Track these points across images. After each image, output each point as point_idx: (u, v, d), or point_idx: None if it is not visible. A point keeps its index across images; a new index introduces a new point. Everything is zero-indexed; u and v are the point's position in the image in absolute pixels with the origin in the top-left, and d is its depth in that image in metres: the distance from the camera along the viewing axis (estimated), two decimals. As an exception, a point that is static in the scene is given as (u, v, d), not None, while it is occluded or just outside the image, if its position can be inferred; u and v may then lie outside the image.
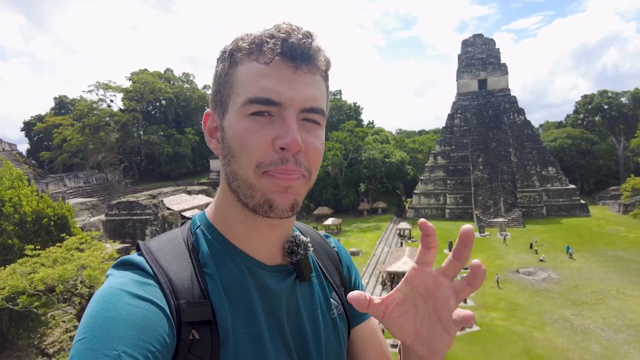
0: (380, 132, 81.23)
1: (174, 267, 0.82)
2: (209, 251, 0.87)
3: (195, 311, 0.78)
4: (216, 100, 0.86)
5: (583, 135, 76.16)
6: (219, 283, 0.84)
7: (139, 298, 0.72)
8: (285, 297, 0.91)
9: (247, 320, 0.84)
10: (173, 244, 0.88)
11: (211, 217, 0.92)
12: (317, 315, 0.97)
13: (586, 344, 20.69)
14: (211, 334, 0.78)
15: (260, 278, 0.89)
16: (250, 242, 0.90)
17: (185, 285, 0.80)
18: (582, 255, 36.16)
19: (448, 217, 60.93)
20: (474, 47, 71.96)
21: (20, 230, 24.06)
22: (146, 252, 0.84)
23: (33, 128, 68.09)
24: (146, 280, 0.78)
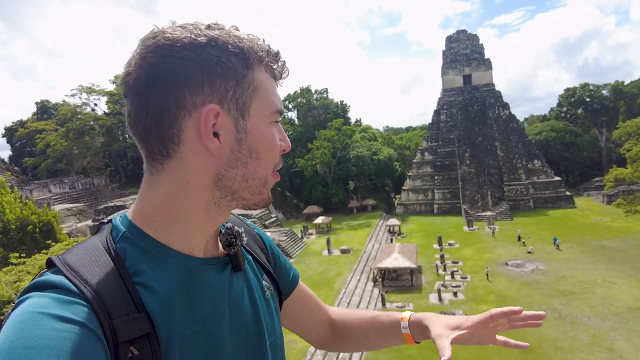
0: (367, 129, 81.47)
1: (102, 281, 0.74)
2: (140, 257, 0.81)
3: (131, 328, 0.72)
4: (228, 98, 0.81)
5: (567, 128, 77.45)
6: (155, 290, 0.78)
7: (64, 321, 0.64)
8: (225, 289, 0.91)
9: (191, 321, 0.82)
10: (95, 255, 0.79)
11: (140, 222, 0.84)
12: (256, 300, 0.98)
13: (574, 333, 21.09)
14: (151, 347, 0.74)
15: (199, 275, 0.86)
16: (190, 241, 0.87)
17: (117, 300, 0.73)
18: (568, 246, 36.79)
19: (436, 212, 61.44)
20: (458, 43, 72.58)
21: (4, 238, 23.60)
22: (65, 268, 0.73)
23: (15, 134, 66.73)
24: (72, 299, 0.68)
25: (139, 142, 0.83)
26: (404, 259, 30.21)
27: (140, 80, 0.78)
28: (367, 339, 1.33)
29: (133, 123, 0.81)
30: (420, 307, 25.67)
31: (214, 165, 0.82)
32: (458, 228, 49.53)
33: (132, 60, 0.80)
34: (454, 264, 34.11)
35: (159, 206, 0.84)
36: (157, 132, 0.79)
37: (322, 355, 19.98)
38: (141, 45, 0.79)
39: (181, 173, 0.82)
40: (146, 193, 0.85)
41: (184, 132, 0.79)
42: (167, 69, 0.77)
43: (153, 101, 0.78)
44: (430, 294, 27.75)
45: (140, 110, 0.79)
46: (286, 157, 71.58)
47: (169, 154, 0.81)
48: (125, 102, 0.82)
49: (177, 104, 0.78)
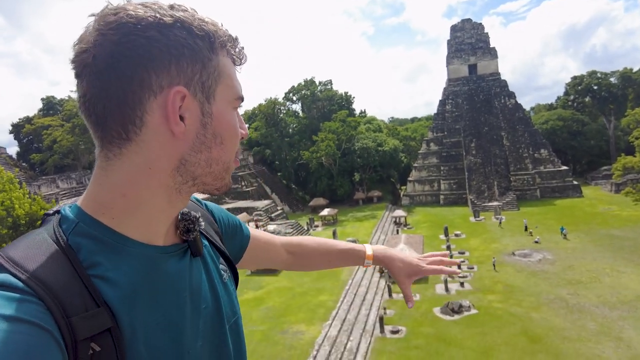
0: (372, 120, 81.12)
1: (55, 276, 0.68)
2: (97, 249, 0.76)
3: (91, 324, 0.68)
4: (194, 81, 0.79)
5: (574, 117, 76.65)
6: (115, 282, 0.75)
7: (15, 321, 0.58)
8: (186, 276, 0.89)
9: (154, 311, 0.79)
10: (43, 248, 0.72)
11: (94, 211, 0.79)
12: (215, 285, 0.98)
13: (582, 322, 21.03)
14: (114, 341, 0.70)
15: (160, 264, 0.84)
16: (151, 229, 0.84)
17: (73, 295, 0.68)
18: (576, 236, 36.60)
19: (442, 202, 61.30)
20: (463, 32, 71.82)
21: (13, 233, 23.89)
22: (10, 264, 0.67)
23: (22, 130, 67.15)
24: (22, 296, 0.62)
25: (94, 125, 0.77)
26: (410, 249, 30.18)
27: (101, 58, 0.72)
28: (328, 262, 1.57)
29: (89, 104, 0.75)
30: (426, 297, 25.72)
31: (178, 149, 0.80)
32: (464, 219, 49.41)
33: (89, 37, 0.74)
34: (460, 255, 34.07)
35: (117, 193, 0.79)
36: (118, 113, 0.74)
37: (330, 346, 20.13)
38: (100, 21, 0.74)
39: (142, 158, 0.78)
40: (101, 179, 0.80)
41: (148, 114, 0.75)
42: (132, 48, 0.72)
43: (115, 81, 0.73)
44: (436, 284, 27.77)
45: (99, 90, 0.74)
46: (291, 150, 71.81)
47: (129, 137, 0.76)
48: (78, 82, 0.76)
49: (142, 85, 0.74)
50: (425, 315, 23.20)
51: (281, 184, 74.23)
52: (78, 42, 0.75)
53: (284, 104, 79.92)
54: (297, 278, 31.15)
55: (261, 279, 31.45)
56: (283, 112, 78.84)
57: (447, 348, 19.43)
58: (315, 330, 21.94)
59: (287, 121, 77.71)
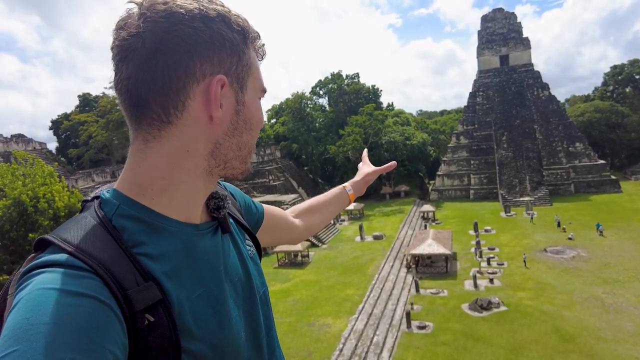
0: (400, 114, 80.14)
1: (107, 255, 0.74)
2: (140, 229, 0.82)
3: (144, 297, 0.74)
4: (231, 70, 0.85)
5: (612, 108, 73.25)
6: (159, 259, 0.81)
7: (79, 295, 0.64)
8: (220, 252, 0.96)
9: (196, 284, 0.86)
10: (92, 230, 0.78)
11: (134, 193, 0.84)
12: (245, 259, 1.05)
13: (619, 322, 20.31)
14: (165, 312, 0.76)
15: (197, 241, 0.90)
16: (188, 209, 0.90)
17: (125, 272, 0.74)
18: (613, 232, 35.19)
19: (472, 197, 60.10)
20: (494, 22, 69.77)
21: (54, 224, 25.10)
22: (66, 245, 0.72)
23: (60, 126, 70.13)
24: (81, 273, 0.68)
25: (134, 107, 0.81)
26: (439, 245, 29.88)
27: (151, 43, 0.76)
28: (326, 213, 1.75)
29: (132, 86, 0.79)
30: (455, 293, 25.42)
31: (214, 134, 0.85)
32: (495, 214, 48.31)
33: (137, 22, 0.77)
34: (490, 251, 33.41)
35: (157, 175, 0.84)
36: (162, 97, 0.79)
37: (356, 340, 20.23)
38: (149, 9, 0.78)
39: (181, 140, 0.83)
40: (140, 162, 0.84)
41: (190, 99, 0.80)
42: (180, 36, 0.77)
43: (162, 65, 0.77)
44: (465, 280, 27.38)
45: (145, 73, 0.78)
46: (318, 144, 71.95)
47: (170, 120, 0.81)
48: (120, 64, 0.79)
49: (187, 72, 0.79)
50: (453, 311, 22.95)
51: (308, 178, 74.58)
52: (122, 27, 0.79)
53: (311, 98, 80.00)
54: (323, 272, 31.37)
55: (288, 272, 31.86)
56: (310, 107, 78.96)
57: (475, 345, 19.17)
58: (341, 324, 22.09)
59: (313, 115, 77.81)
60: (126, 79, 0.79)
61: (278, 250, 34.49)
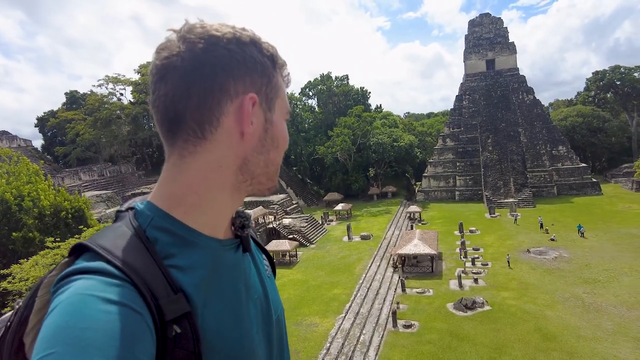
0: (388, 116, 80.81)
1: (141, 265, 0.78)
2: (171, 241, 0.85)
3: (174, 308, 0.77)
4: (262, 92, 0.90)
5: (594, 113, 75.06)
6: (188, 272, 0.84)
7: (114, 303, 0.67)
8: (240, 268, 0.99)
9: (220, 299, 0.89)
10: (127, 239, 0.82)
11: (167, 206, 0.88)
12: (263, 278, 1.09)
13: (598, 321, 20.90)
14: (190, 325, 0.79)
15: (222, 256, 0.94)
16: (216, 223, 0.93)
17: (157, 282, 0.77)
18: (594, 234, 36.12)
19: (458, 199, 60.97)
20: (481, 27, 70.89)
21: (39, 223, 24.80)
22: (104, 252, 0.76)
23: (46, 124, 69.06)
24: (118, 282, 0.72)
25: (170, 124, 0.85)
26: (425, 245, 30.32)
27: (189, 62, 0.82)
28: None
29: (169, 103, 0.83)
30: (440, 292, 25.84)
31: (243, 150, 0.89)
32: (480, 215, 49.11)
33: (176, 44, 0.83)
34: (475, 251, 33.99)
35: (190, 189, 0.87)
36: (198, 113, 0.83)
37: (343, 339, 20.47)
38: (188, 32, 0.84)
39: (215, 156, 0.87)
40: (175, 176, 0.88)
41: (224, 116, 0.85)
42: (217, 56, 0.83)
43: (199, 83, 0.82)
44: (450, 280, 27.84)
45: (183, 90, 0.82)
46: (307, 145, 72.08)
47: (204, 136, 0.85)
48: (159, 83, 0.84)
49: (222, 90, 0.84)
50: (439, 310, 23.34)
51: (296, 178, 74.72)
52: (163, 48, 0.85)
53: (300, 99, 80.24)
54: (311, 271, 31.56)
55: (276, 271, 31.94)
56: (299, 107, 79.16)
57: (460, 344, 19.56)
58: (328, 323, 22.30)
59: (303, 116, 78.02)
60: (164, 95, 0.83)
61: (266, 250, 34.59)
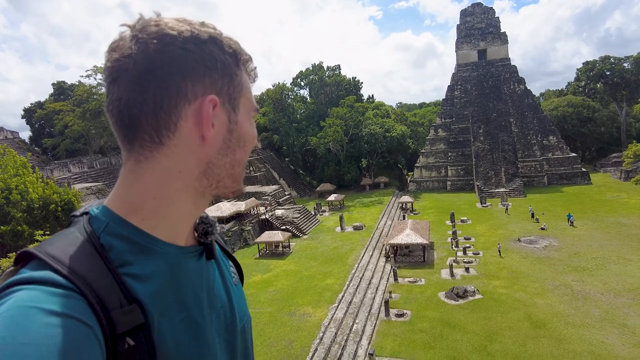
0: (380, 106, 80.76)
1: (92, 273, 0.72)
2: (127, 248, 0.80)
3: (127, 319, 0.72)
4: (223, 92, 0.86)
5: (584, 103, 75.68)
6: (144, 281, 0.79)
7: (59, 316, 0.61)
8: (203, 277, 0.95)
9: (179, 308, 0.84)
10: (78, 246, 0.76)
11: (124, 212, 0.83)
12: (228, 286, 1.05)
13: (587, 308, 21.27)
14: (145, 337, 0.74)
15: (182, 263, 0.89)
16: (176, 230, 0.89)
17: (110, 292, 0.72)
18: (583, 223, 36.62)
19: (449, 188, 61.35)
20: (473, 17, 70.75)
21: (28, 216, 24.49)
22: (52, 261, 0.70)
23: (34, 115, 67.80)
24: (65, 292, 0.66)
25: (125, 128, 0.81)
26: (416, 235, 30.50)
27: (142, 64, 0.77)
28: None
29: (123, 108, 0.79)
30: (432, 282, 26.07)
31: (206, 154, 0.85)
32: (471, 205, 49.50)
33: (129, 44, 0.78)
34: (466, 240, 34.30)
35: (148, 195, 0.83)
36: (154, 118, 0.79)
37: (336, 328, 20.61)
38: (141, 31, 0.78)
39: (173, 161, 0.83)
40: (131, 182, 0.84)
41: (182, 120, 0.80)
42: (172, 57, 0.78)
43: (154, 87, 0.77)
44: (442, 269, 28.09)
45: (137, 94, 0.77)
46: (299, 135, 71.83)
47: (162, 141, 0.81)
48: (112, 86, 0.79)
49: (179, 92, 0.79)
50: (431, 299, 23.57)
51: (289, 169, 74.54)
52: (114, 49, 0.79)
53: (292, 89, 79.74)
54: (304, 262, 31.63)
55: (269, 262, 32.00)
56: (291, 98, 78.75)
57: (452, 332, 19.79)
58: (321, 313, 22.41)
59: (295, 107, 77.63)
60: (117, 100, 0.79)
61: (259, 241, 34.56)
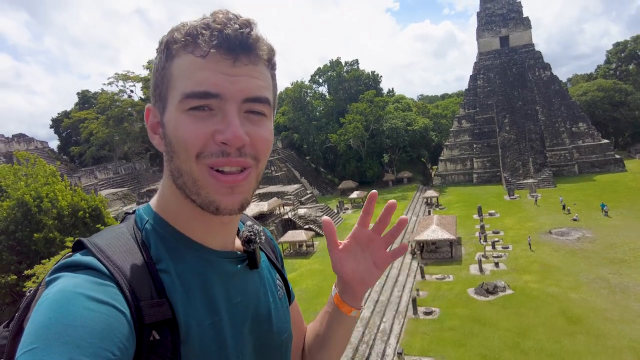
0: (401, 99, 79.64)
1: (129, 265, 0.78)
2: (163, 246, 0.84)
3: (155, 312, 0.75)
4: (155, 94, 0.83)
5: (616, 86, 72.47)
6: (177, 278, 0.82)
7: (97, 301, 0.67)
8: (241, 284, 0.93)
9: (209, 311, 0.84)
10: (122, 240, 0.83)
11: (160, 211, 0.88)
12: (268, 297, 1.01)
13: (625, 303, 20.28)
14: (171, 333, 0.76)
15: (217, 268, 0.89)
16: (202, 233, 0.88)
17: (143, 284, 0.77)
18: (618, 212, 35.02)
19: (476, 181, 59.94)
20: (494, 3, 68.78)
21: (59, 223, 25.16)
22: (96, 250, 0.77)
23: (61, 124, 70.08)
24: (103, 281, 0.72)
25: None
26: (443, 230, 29.84)
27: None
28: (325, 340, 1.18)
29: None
30: (460, 278, 25.44)
31: (166, 161, 0.85)
32: (499, 197, 48.17)
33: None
34: (494, 234, 33.37)
35: (165, 198, 0.89)
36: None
37: (363, 327, 20.34)
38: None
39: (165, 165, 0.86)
40: (162, 182, 0.89)
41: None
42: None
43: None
44: (470, 265, 27.39)
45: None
46: (319, 133, 71.63)
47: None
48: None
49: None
50: (459, 296, 22.99)
51: (310, 167, 74.47)
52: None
53: (310, 86, 79.50)
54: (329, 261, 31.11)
55: (294, 262, 31.97)
56: (310, 95, 78.52)
57: (482, 329, 19.21)
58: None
59: (313, 104, 77.42)
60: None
61: (283, 241, 34.58)
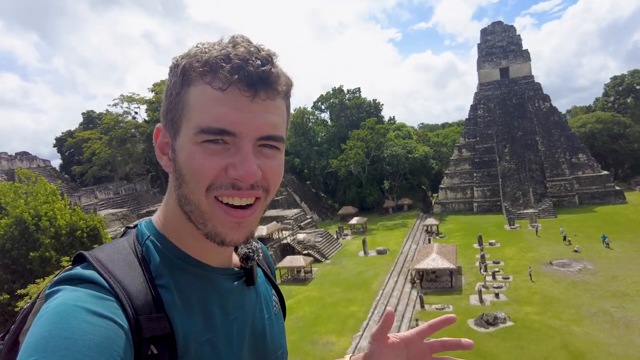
0: (402, 127, 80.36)
1: (130, 279, 0.78)
2: (163, 262, 0.85)
3: (154, 326, 0.76)
4: (167, 117, 0.82)
5: (614, 119, 73.13)
6: (176, 294, 0.83)
7: (97, 315, 0.67)
8: (238, 301, 0.94)
9: (207, 327, 0.85)
10: (123, 254, 0.83)
11: (161, 227, 0.89)
12: (264, 314, 1.02)
13: (629, 338, 19.88)
14: (169, 348, 0.77)
15: (215, 284, 0.90)
16: (202, 250, 0.88)
17: (142, 298, 0.77)
18: (619, 244, 34.75)
19: (476, 210, 59.73)
20: (494, 36, 70.36)
21: (56, 242, 24.96)
22: (97, 264, 0.78)
23: (64, 144, 70.52)
24: (103, 295, 0.72)
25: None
26: (443, 259, 29.55)
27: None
28: None
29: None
30: (460, 308, 25.01)
31: (173, 183, 0.85)
32: (499, 227, 47.93)
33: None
34: (495, 264, 33.01)
35: (167, 216, 0.90)
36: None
37: (361, 358, 19.87)
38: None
39: (170, 184, 0.88)
40: (167, 197, 0.90)
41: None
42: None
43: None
44: (470, 295, 26.99)
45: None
46: (320, 158, 71.99)
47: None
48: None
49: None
50: (459, 327, 22.53)
51: (310, 192, 74.46)
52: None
53: (313, 113, 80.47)
54: (327, 288, 31.01)
55: (291, 288, 31.51)
56: (312, 121, 79.36)
57: None
58: (345, 342, 21.72)
59: (315, 130, 78.14)
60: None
61: (280, 267, 34.19)
